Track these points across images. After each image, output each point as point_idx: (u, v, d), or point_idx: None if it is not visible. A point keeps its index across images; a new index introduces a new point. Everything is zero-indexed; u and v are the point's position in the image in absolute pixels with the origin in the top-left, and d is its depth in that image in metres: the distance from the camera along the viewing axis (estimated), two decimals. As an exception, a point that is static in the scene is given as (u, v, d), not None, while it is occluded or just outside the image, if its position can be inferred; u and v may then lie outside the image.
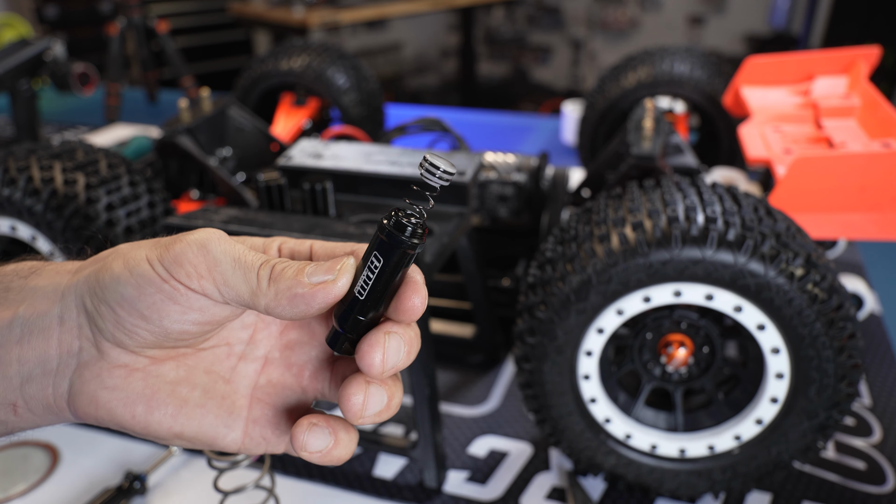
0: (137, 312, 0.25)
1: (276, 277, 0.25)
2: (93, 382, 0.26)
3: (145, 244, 0.26)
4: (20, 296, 0.26)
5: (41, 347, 0.26)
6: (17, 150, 0.61)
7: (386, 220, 0.24)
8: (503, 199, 0.73)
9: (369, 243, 0.25)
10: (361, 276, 0.25)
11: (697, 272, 0.45)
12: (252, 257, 0.26)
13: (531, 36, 3.97)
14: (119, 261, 0.25)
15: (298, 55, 1.03)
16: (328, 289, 0.25)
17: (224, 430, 0.27)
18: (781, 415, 0.49)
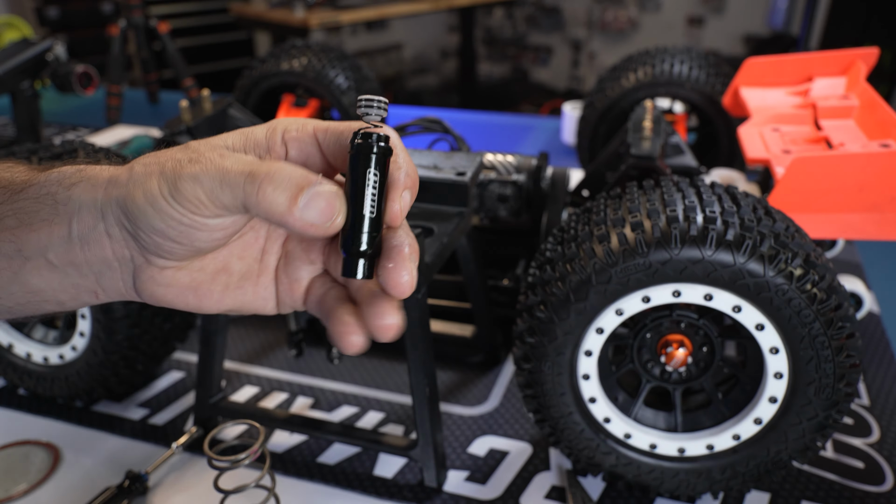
0: (170, 239, 0.28)
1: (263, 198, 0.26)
2: (149, 282, 0.30)
3: (155, 172, 0.27)
4: (68, 208, 0.29)
5: (100, 253, 0.29)
6: (19, 150, 0.61)
7: (363, 139, 0.26)
8: (503, 199, 0.73)
9: (355, 164, 0.26)
10: (366, 195, 0.26)
11: (696, 272, 0.45)
12: (236, 170, 0.27)
13: (531, 36, 3.97)
14: (139, 191, 0.27)
15: (299, 56, 1.03)
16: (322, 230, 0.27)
17: (262, 303, 0.32)
18: (780, 414, 0.49)
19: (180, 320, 0.65)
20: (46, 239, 0.29)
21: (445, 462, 0.59)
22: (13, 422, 0.65)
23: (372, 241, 0.27)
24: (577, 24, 3.76)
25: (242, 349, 0.75)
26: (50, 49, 1.14)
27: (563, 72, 3.90)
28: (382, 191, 0.27)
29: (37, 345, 0.66)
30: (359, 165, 0.26)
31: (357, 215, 0.27)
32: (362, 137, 0.26)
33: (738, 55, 3.12)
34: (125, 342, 0.60)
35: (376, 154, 0.26)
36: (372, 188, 0.26)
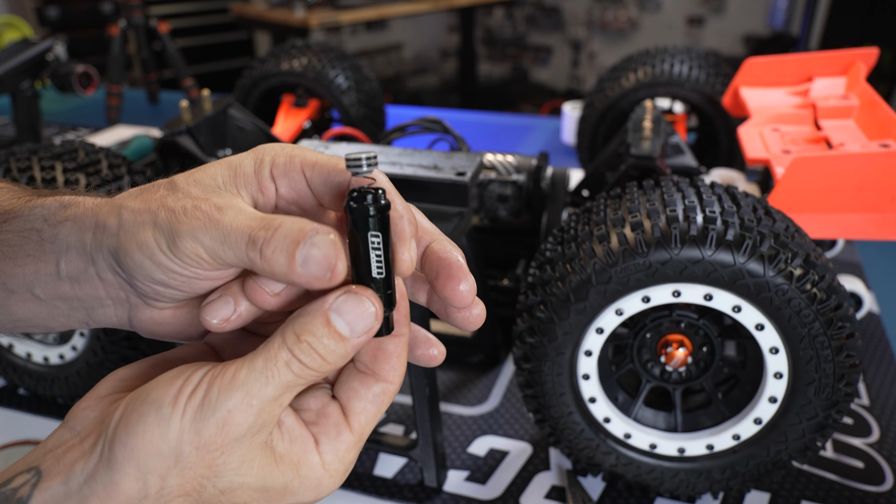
0: (170, 287, 0.26)
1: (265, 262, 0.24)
2: (147, 322, 0.28)
3: (147, 221, 0.25)
4: (55, 247, 0.27)
5: (92, 292, 0.27)
6: (19, 150, 0.61)
7: (358, 202, 0.25)
8: (503, 199, 0.73)
9: (355, 228, 0.25)
10: (371, 258, 0.25)
11: (696, 272, 0.45)
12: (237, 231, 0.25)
13: (531, 36, 3.97)
14: (132, 243, 0.25)
15: (299, 56, 1.03)
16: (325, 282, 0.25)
17: None
18: (780, 414, 0.49)
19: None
20: (32, 275, 0.27)
21: (445, 462, 0.59)
22: (13, 422, 0.65)
23: (389, 300, 0.26)
24: (577, 24, 3.76)
25: (242, 349, 0.75)
26: (50, 49, 1.14)
27: (562, 72, 3.91)
28: (388, 247, 0.26)
29: (37, 345, 0.66)
30: (359, 229, 0.25)
31: (367, 279, 0.26)
32: (356, 200, 0.25)
33: (738, 55, 3.12)
34: (125, 342, 0.60)
35: (374, 216, 0.25)
36: (376, 250, 0.25)
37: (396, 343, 0.27)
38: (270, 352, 0.24)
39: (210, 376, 0.24)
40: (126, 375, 0.27)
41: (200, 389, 0.23)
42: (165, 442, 0.23)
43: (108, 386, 0.26)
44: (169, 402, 0.23)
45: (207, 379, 0.24)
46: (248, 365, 0.24)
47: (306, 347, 0.24)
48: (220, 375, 0.24)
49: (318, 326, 0.24)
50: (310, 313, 0.25)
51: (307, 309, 0.25)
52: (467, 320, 0.29)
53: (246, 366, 0.24)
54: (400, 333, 0.28)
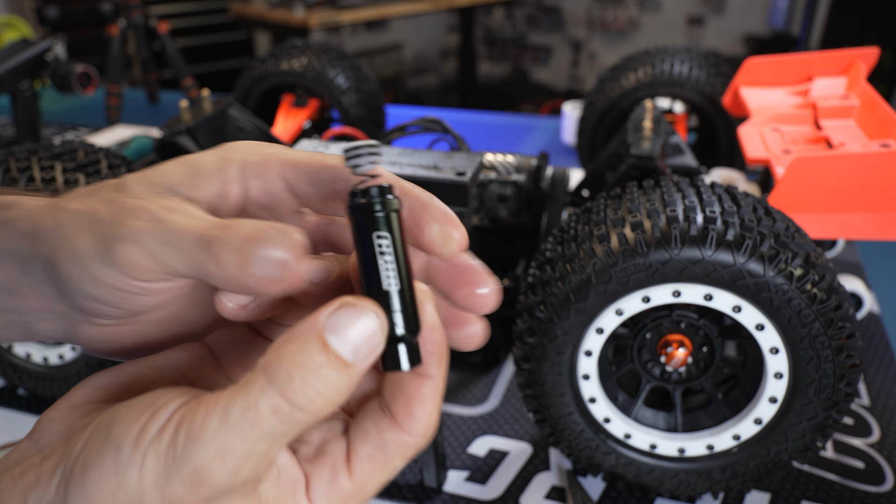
0: (109, 304, 0.23)
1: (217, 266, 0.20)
2: (90, 340, 0.25)
3: (83, 224, 0.22)
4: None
5: (28, 304, 0.24)
6: (19, 150, 0.61)
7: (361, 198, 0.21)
8: (503, 199, 0.73)
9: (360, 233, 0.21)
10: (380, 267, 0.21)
11: (697, 272, 0.45)
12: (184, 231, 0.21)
13: (531, 36, 3.97)
14: (65, 251, 0.22)
15: (298, 56, 1.03)
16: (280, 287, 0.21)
17: None
18: (780, 414, 0.49)
19: (180, 320, 0.65)
20: None
21: (445, 462, 0.59)
22: (13, 422, 0.65)
23: (408, 320, 0.21)
24: (577, 24, 3.76)
25: (242, 349, 0.75)
26: (49, 49, 1.14)
27: (563, 72, 3.91)
28: (403, 253, 0.21)
29: (36, 345, 0.66)
30: (364, 233, 0.21)
31: (378, 294, 0.21)
32: (359, 197, 0.21)
33: (739, 55, 3.12)
34: (125, 342, 0.60)
35: (380, 214, 0.21)
36: (384, 255, 0.21)
37: (419, 385, 0.22)
38: (250, 397, 0.18)
39: (179, 416, 0.19)
40: (104, 383, 0.23)
41: (166, 433, 0.19)
42: (123, 493, 0.18)
43: (82, 394, 0.22)
44: (129, 443, 0.19)
45: (176, 420, 0.19)
46: (222, 412, 0.18)
47: (300, 386, 0.18)
48: (190, 419, 0.19)
49: (313, 355, 0.19)
50: (299, 338, 0.19)
51: (294, 334, 0.19)
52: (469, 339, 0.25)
53: (219, 413, 0.18)
54: (426, 374, 0.22)
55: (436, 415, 0.22)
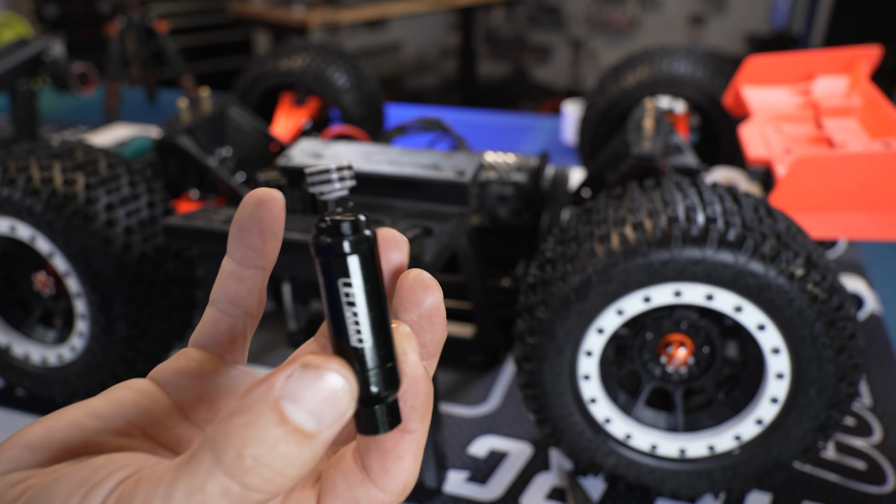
0: None
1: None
2: None
3: None
4: None
5: None
6: (17, 149, 0.61)
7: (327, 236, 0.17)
8: (503, 199, 0.73)
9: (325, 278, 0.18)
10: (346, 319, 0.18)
11: (698, 272, 0.45)
12: None
13: (531, 36, 3.97)
14: None
15: (298, 55, 1.03)
16: None
17: None
18: (782, 415, 0.49)
19: (179, 321, 0.65)
20: None
21: (445, 462, 0.59)
22: (12, 422, 0.65)
23: (385, 378, 0.18)
24: (578, 24, 3.75)
25: (242, 349, 0.75)
26: (48, 48, 1.14)
27: (563, 71, 3.90)
28: (378, 299, 0.18)
29: (35, 345, 0.65)
30: (331, 280, 0.18)
31: (348, 350, 0.18)
32: (326, 233, 0.17)
33: (740, 54, 3.11)
34: (124, 343, 0.60)
35: (351, 256, 0.17)
36: (357, 307, 0.18)
37: (398, 440, 0.19)
38: (195, 479, 0.16)
39: (116, 497, 0.16)
40: (34, 441, 0.19)
41: None
42: None
43: (11, 458, 0.19)
44: None
45: (112, 502, 0.16)
46: (163, 497, 0.16)
47: (252, 466, 0.16)
48: (127, 502, 0.16)
49: (267, 428, 0.16)
50: (251, 409, 0.16)
51: (245, 403, 0.16)
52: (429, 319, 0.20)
53: (160, 498, 0.16)
54: (406, 429, 0.19)
55: (415, 471, 0.20)
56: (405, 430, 0.19)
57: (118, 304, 0.58)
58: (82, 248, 0.56)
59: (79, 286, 0.58)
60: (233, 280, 0.22)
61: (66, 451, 0.19)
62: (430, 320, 0.20)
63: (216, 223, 0.51)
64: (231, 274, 0.22)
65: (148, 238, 0.60)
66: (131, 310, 0.59)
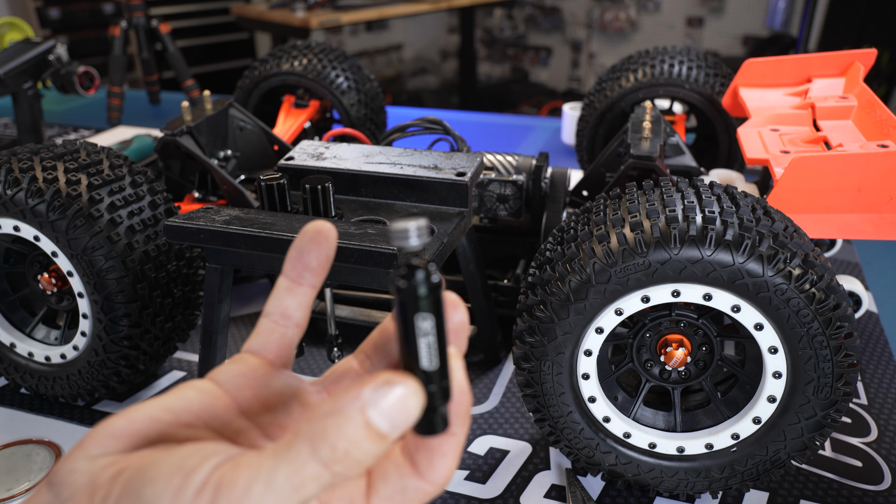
0: None
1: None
2: None
3: None
4: None
5: None
6: (21, 150, 0.62)
7: (406, 280, 0.21)
8: (503, 199, 0.73)
9: (403, 313, 0.22)
10: (419, 347, 0.22)
11: (696, 272, 0.46)
12: None
13: (531, 37, 3.98)
14: None
15: (299, 56, 1.03)
16: None
17: None
18: (779, 414, 0.49)
19: (182, 320, 0.66)
20: None
21: (446, 461, 0.59)
22: (15, 421, 0.65)
23: (443, 392, 0.23)
24: (577, 25, 3.76)
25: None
26: (51, 50, 1.14)
27: (562, 72, 3.91)
28: (442, 331, 0.22)
29: (39, 344, 0.66)
30: (408, 314, 0.22)
31: (418, 370, 0.22)
32: (405, 278, 0.21)
33: (738, 56, 3.12)
34: (127, 342, 0.60)
35: (425, 296, 0.21)
36: (426, 336, 0.22)
37: (444, 441, 0.23)
38: (295, 464, 0.20)
39: (217, 479, 0.20)
40: (118, 431, 0.22)
41: (203, 497, 0.19)
42: None
43: (99, 444, 0.22)
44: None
45: (213, 483, 0.19)
46: (266, 478, 0.19)
47: (341, 458, 0.20)
48: (230, 485, 0.19)
49: (356, 430, 0.20)
50: (343, 413, 0.20)
51: (338, 406, 0.20)
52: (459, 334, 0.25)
53: (262, 480, 0.19)
54: (451, 432, 0.23)
55: (455, 466, 0.24)
56: (450, 433, 0.23)
57: (121, 304, 0.58)
58: (85, 248, 0.57)
59: (82, 285, 0.59)
60: (287, 295, 0.26)
61: (144, 439, 0.22)
62: (457, 334, 0.24)
63: (218, 223, 0.52)
64: (286, 290, 0.26)
65: (150, 238, 0.60)
66: (133, 309, 0.59)
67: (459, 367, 0.24)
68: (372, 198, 0.60)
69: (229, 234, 0.50)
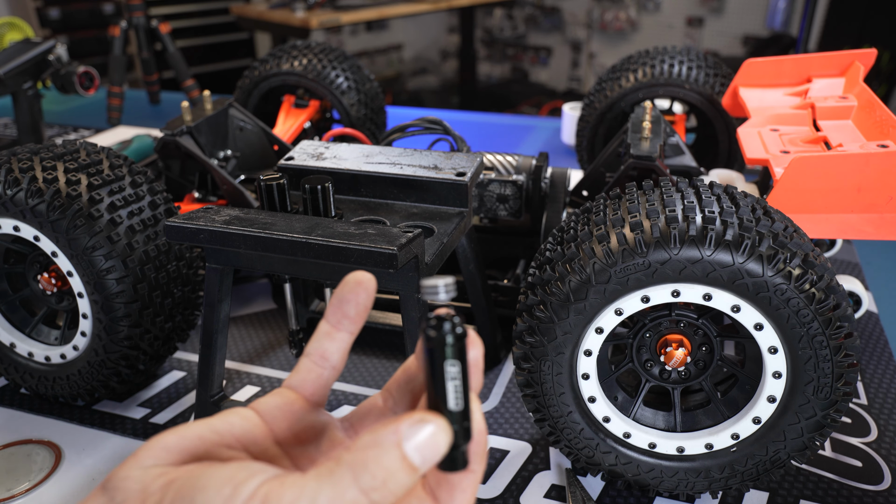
0: None
1: None
2: None
3: None
4: None
5: None
6: (21, 150, 0.62)
7: (435, 330, 0.24)
8: (503, 199, 0.73)
9: (432, 359, 0.24)
10: (448, 389, 0.24)
11: (696, 272, 0.46)
12: None
13: (531, 37, 3.98)
14: None
15: (299, 56, 1.03)
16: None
17: None
18: (779, 414, 0.49)
19: (181, 320, 0.66)
20: None
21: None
22: (15, 421, 0.65)
23: (466, 432, 0.25)
24: (577, 25, 3.76)
25: (243, 349, 0.76)
26: (51, 50, 1.14)
27: (562, 72, 3.91)
28: (466, 376, 0.24)
29: (39, 344, 0.66)
30: (436, 358, 0.24)
31: (445, 411, 0.24)
32: (434, 328, 0.24)
33: (738, 56, 3.12)
34: (126, 342, 0.60)
35: (453, 344, 0.24)
36: (454, 380, 0.24)
37: (462, 478, 0.26)
38: (337, 488, 0.22)
39: (265, 493, 0.22)
40: (170, 445, 0.25)
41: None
42: None
43: (152, 456, 0.25)
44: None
45: (261, 496, 0.22)
46: (310, 499, 0.22)
47: (379, 486, 0.22)
48: (276, 498, 0.21)
49: (393, 461, 0.22)
50: (380, 445, 0.23)
51: (377, 439, 0.23)
52: None
53: (306, 498, 0.21)
54: (470, 470, 0.25)
55: (473, 502, 0.26)
56: (470, 471, 0.25)
57: (120, 304, 0.58)
58: (85, 248, 0.57)
59: (82, 285, 0.59)
60: (326, 339, 0.28)
61: (191, 455, 0.25)
62: (471, 370, 0.26)
63: (218, 223, 0.52)
64: (325, 334, 0.28)
65: (150, 238, 0.60)
66: (133, 309, 0.59)
67: (478, 410, 0.25)
68: (372, 198, 0.60)
69: (229, 234, 0.51)
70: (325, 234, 0.49)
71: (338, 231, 0.50)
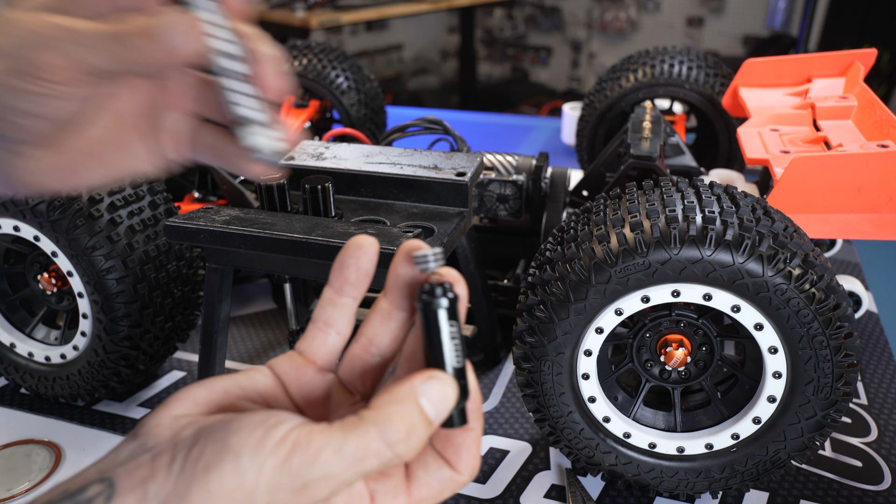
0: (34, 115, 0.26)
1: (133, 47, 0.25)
2: (22, 172, 0.28)
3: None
4: None
5: None
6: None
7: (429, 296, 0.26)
8: (503, 199, 0.73)
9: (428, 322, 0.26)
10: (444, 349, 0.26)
11: (696, 272, 0.46)
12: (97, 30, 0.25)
13: (531, 37, 3.98)
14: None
15: (299, 56, 1.03)
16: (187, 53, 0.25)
17: (140, 165, 0.31)
18: (779, 414, 0.49)
19: (181, 320, 0.66)
20: None
21: (446, 461, 0.59)
22: (15, 421, 0.65)
23: (464, 390, 0.26)
24: (577, 25, 3.76)
25: (243, 349, 0.76)
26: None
27: (562, 72, 3.91)
28: (461, 337, 0.26)
29: (39, 344, 0.66)
30: (435, 321, 0.26)
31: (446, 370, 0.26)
32: (429, 294, 0.26)
33: (738, 56, 3.12)
34: (126, 342, 0.60)
35: (449, 307, 0.26)
36: (454, 339, 0.26)
37: (466, 436, 0.27)
38: (363, 440, 0.23)
39: (294, 439, 0.23)
40: (199, 397, 0.26)
41: (281, 450, 0.23)
42: (241, 492, 0.23)
43: (183, 406, 0.26)
44: (248, 452, 0.23)
45: (290, 441, 0.23)
46: (336, 446, 0.23)
47: (402, 440, 0.24)
48: (305, 445, 0.23)
49: (413, 415, 0.24)
50: (401, 401, 0.24)
51: (395, 397, 0.24)
52: None
53: (332, 448, 0.23)
54: (470, 427, 0.27)
55: (478, 457, 0.28)
56: (469, 428, 0.27)
57: (120, 304, 0.58)
58: (85, 248, 0.57)
59: (82, 285, 0.59)
60: (329, 305, 0.29)
61: (218, 407, 0.26)
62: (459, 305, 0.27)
63: (218, 223, 0.51)
64: (329, 300, 0.29)
65: (150, 238, 0.60)
66: (133, 309, 0.59)
67: (471, 370, 0.27)
68: (372, 198, 0.60)
69: (229, 234, 0.50)
70: (325, 234, 0.49)
71: (338, 231, 0.50)
